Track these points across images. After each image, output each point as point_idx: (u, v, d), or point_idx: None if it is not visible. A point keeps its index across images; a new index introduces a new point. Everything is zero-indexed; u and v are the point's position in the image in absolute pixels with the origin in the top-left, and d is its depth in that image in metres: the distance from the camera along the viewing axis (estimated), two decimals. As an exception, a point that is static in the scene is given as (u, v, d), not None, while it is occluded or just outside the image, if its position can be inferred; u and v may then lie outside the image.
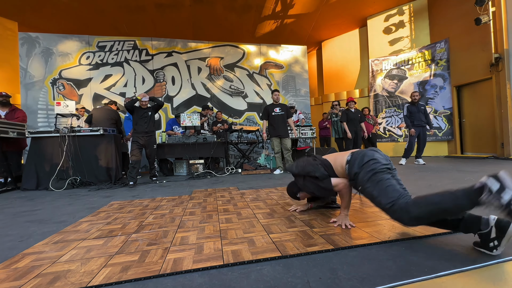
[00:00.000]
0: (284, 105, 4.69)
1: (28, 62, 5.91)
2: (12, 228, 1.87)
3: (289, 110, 4.68)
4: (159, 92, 6.69)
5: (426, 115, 4.85)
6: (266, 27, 8.04)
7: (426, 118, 4.84)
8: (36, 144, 3.91)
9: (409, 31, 7.28)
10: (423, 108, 4.86)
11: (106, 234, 1.62)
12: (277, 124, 4.52)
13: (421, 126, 4.83)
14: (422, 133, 4.85)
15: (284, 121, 4.58)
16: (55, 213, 2.28)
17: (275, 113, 4.56)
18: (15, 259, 1.29)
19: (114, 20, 7.04)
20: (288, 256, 1.19)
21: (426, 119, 4.84)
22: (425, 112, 4.85)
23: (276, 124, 4.53)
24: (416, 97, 4.87)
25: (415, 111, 4.85)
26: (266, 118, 4.65)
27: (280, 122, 4.53)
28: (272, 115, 4.56)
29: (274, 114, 4.56)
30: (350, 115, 5.03)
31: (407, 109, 4.96)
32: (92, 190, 3.50)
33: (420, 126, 4.83)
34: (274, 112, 4.56)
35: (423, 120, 4.82)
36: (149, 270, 1.11)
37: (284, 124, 4.56)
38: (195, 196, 2.76)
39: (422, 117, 4.83)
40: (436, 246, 1.23)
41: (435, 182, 2.97)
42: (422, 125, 4.83)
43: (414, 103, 4.89)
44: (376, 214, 1.77)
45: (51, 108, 5.90)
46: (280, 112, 4.55)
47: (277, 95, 4.61)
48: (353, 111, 5.09)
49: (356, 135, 5.03)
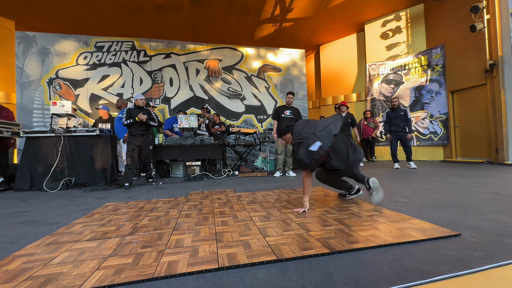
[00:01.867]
0: (296, 109, 4.65)
1: (24, 61, 5.86)
2: (3, 230, 1.84)
3: (299, 114, 4.66)
4: (156, 93, 6.67)
5: (407, 120, 4.99)
6: (265, 30, 8.09)
7: (406, 122, 4.98)
8: (31, 144, 3.86)
9: (406, 37, 7.38)
10: (403, 114, 4.99)
11: (100, 236, 1.60)
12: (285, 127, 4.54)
13: (398, 132, 4.99)
14: (401, 138, 5.00)
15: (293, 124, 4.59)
16: (48, 215, 2.25)
17: (284, 115, 4.55)
18: (5, 261, 1.27)
19: (112, 21, 7.02)
20: (283, 259, 1.18)
21: (406, 124, 4.98)
22: (405, 117, 4.99)
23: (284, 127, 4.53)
24: (395, 103, 5.04)
25: (394, 116, 5.02)
26: (276, 119, 4.64)
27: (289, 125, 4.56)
28: (282, 117, 4.55)
29: (283, 116, 4.55)
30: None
31: (386, 115, 5.16)
32: (87, 191, 3.45)
33: (397, 131, 5.00)
34: (284, 114, 4.55)
35: (401, 126, 4.98)
36: (143, 273, 1.10)
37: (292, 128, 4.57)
38: (191, 198, 2.74)
39: (400, 122, 4.99)
40: (431, 251, 1.23)
41: (431, 186, 2.99)
42: (399, 131, 4.99)
43: (394, 109, 5.07)
44: (373, 218, 1.77)
45: (47, 108, 5.85)
46: (289, 115, 4.54)
47: (290, 98, 4.60)
48: (343, 115, 5.13)
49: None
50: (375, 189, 2.17)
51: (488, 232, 1.45)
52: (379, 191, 2.18)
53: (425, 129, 6.89)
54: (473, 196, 2.39)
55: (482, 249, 1.22)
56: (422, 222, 1.65)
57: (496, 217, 1.72)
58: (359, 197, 2.50)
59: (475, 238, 1.36)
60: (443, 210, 1.95)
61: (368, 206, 2.12)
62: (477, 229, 1.49)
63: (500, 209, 1.90)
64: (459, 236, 1.40)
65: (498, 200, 2.18)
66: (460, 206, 2.05)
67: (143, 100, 4.06)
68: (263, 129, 7.00)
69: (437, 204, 2.14)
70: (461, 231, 1.46)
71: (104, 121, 5.14)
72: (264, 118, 7.32)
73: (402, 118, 4.97)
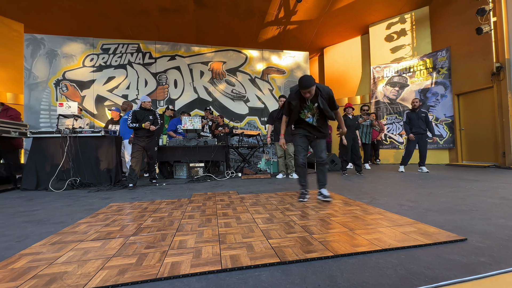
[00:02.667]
0: None
1: (32, 63, 5.97)
2: (10, 228, 1.86)
3: None
4: (161, 95, 6.73)
5: (427, 122, 4.82)
6: (269, 32, 8.12)
7: (427, 125, 4.82)
8: (38, 144, 3.92)
9: (411, 39, 7.34)
10: (424, 116, 4.83)
11: (104, 236, 1.61)
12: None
13: (420, 134, 4.81)
14: (422, 140, 4.83)
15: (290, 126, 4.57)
16: (53, 214, 2.27)
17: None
18: (11, 260, 1.28)
19: (118, 23, 7.12)
20: (287, 262, 1.18)
21: (427, 126, 4.81)
22: (426, 119, 4.83)
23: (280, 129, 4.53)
24: (416, 104, 4.85)
25: (415, 117, 4.84)
26: (271, 123, 4.65)
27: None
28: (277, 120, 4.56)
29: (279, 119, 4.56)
30: (348, 122, 4.97)
31: (406, 116, 4.97)
32: (91, 192, 3.49)
33: (419, 133, 4.81)
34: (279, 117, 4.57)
35: (422, 128, 4.80)
36: (146, 273, 1.10)
37: (288, 130, 4.54)
38: (194, 200, 2.75)
39: (422, 124, 4.81)
40: (437, 255, 1.21)
41: (436, 190, 2.96)
42: (421, 133, 4.80)
43: (415, 110, 4.88)
44: (377, 222, 1.75)
45: (53, 109, 5.94)
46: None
47: (283, 101, 4.60)
48: (350, 117, 5.02)
49: (353, 142, 4.94)
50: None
51: (495, 237, 1.42)
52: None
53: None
54: (479, 200, 2.36)
55: (489, 255, 1.20)
56: (427, 226, 1.63)
57: (503, 222, 1.69)
58: (363, 201, 2.48)
59: (482, 243, 1.34)
60: (449, 214, 1.92)
61: (372, 210, 2.10)
62: (484, 234, 1.47)
63: (508, 214, 1.87)
64: (465, 241, 1.38)
65: (506, 205, 2.14)
66: (466, 210, 2.02)
67: (150, 102, 4.09)
68: (266, 131, 7.00)
69: (443, 208, 2.11)
70: (467, 236, 1.43)
71: (115, 123, 5.21)
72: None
73: (423, 119, 4.80)
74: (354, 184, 3.62)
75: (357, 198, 2.60)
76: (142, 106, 4.03)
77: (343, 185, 3.60)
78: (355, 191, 3.07)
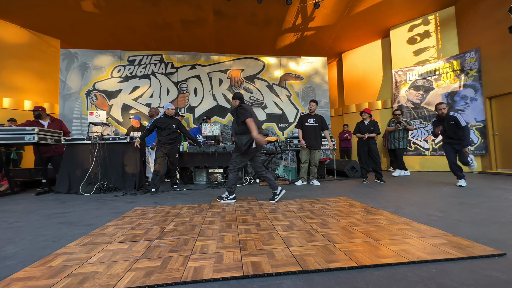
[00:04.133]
0: (319, 117, 4.58)
1: (67, 75, 6.47)
2: (47, 229, 2.01)
3: (324, 121, 4.58)
4: (182, 102, 6.97)
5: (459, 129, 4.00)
6: (286, 39, 8.18)
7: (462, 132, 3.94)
8: (70, 150, 4.20)
9: (435, 41, 7.03)
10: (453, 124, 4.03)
11: (130, 239, 1.68)
12: (309, 135, 4.47)
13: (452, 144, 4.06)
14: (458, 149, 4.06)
15: (317, 133, 4.50)
16: (84, 216, 2.42)
17: (308, 123, 4.51)
18: (49, 258, 1.38)
19: (143, 36, 7.55)
20: (309, 271, 1.16)
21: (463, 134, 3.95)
22: (458, 126, 3.99)
23: (308, 135, 4.48)
24: (443, 111, 4.10)
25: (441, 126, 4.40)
26: (300, 127, 4.62)
27: (312, 133, 4.47)
28: (306, 126, 4.52)
29: (307, 125, 4.51)
30: (362, 128, 4.77)
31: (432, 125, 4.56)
32: (117, 195, 3.66)
33: (451, 143, 4.07)
34: (308, 122, 4.52)
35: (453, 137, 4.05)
36: (171, 276, 1.13)
37: (316, 136, 4.49)
38: (214, 205, 2.80)
39: (452, 133, 4.03)
40: (472, 270, 1.13)
41: (468, 199, 2.76)
42: (454, 143, 4.04)
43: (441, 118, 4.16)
44: (403, 232, 1.67)
45: (84, 117, 6.36)
46: (313, 123, 4.49)
47: (313, 105, 4.55)
48: (366, 123, 4.80)
49: (368, 148, 4.72)
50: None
51: (539, 253, 1.30)
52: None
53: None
54: (519, 212, 2.17)
55: (533, 272, 1.10)
56: (459, 238, 1.53)
57: (548, 236, 1.54)
58: (387, 210, 2.38)
59: (523, 259, 1.23)
60: (483, 226, 1.79)
61: (397, 219, 2.00)
62: (526, 249, 1.35)
63: (553, 228, 1.70)
64: (504, 255, 1.28)
65: (550, 218, 1.95)
66: (504, 222, 1.87)
67: (173, 109, 4.25)
68: (284, 137, 6.98)
69: (476, 219, 1.97)
70: (506, 250, 1.33)
71: (135, 130, 5.49)
72: (286, 126, 7.31)
73: (453, 128, 3.99)
74: (376, 192, 3.48)
75: (380, 207, 2.50)
76: (166, 113, 4.20)
77: (365, 193, 3.48)
78: (378, 199, 2.96)
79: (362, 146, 4.77)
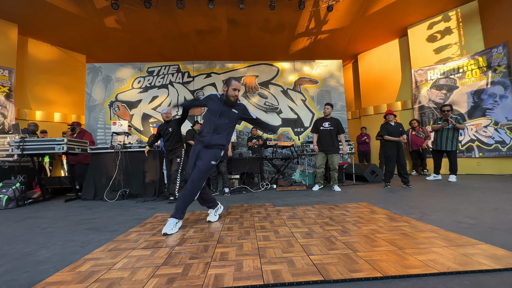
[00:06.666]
0: (335, 120, 4.49)
1: (92, 88, 6.88)
2: (75, 235, 2.11)
3: (340, 125, 4.48)
4: (198, 110, 7.14)
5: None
6: (300, 44, 8.17)
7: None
8: (95, 159, 4.43)
9: (458, 37, 6.71)
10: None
11: (152, 245, 1.73)
12: (324, 139, 4.40)
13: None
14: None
15: (333, 136, 4.40)
16: (109, 222, 2.52)
17: (323, 127, 4.43)
18: (78, 263, 1.45)
19: (161, 48, 7.88)
20: (331, 281, 1.13)
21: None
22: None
23: (324, 139, 4.40)
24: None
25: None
26: (315, 132, 4.55)
27: (327, 137, 4.38)
28: (321, 130, 4.44)
29: (322, 129, 4.43)
30: (390, 129, 4.61)
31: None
32: (139, 202, 3.79)
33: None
34: (323, 126, 4.44)
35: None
36: (193, 284, 1.15)
37: (332, 139, 4.39)
38: (232, 212, 2.81)
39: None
40: (510, 284, 1.05)
41: (502, 205, 2.57)
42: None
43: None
44: (431, 240, 1.59)
45: (108, 127, 6.70)
46: (328, 127, 4.41)
47: (327, 108, 4.49)
48: (393, 124, 4.63)
49: (397, 151, 4.52)
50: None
51: None
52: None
53: (489, 138, 6.01)
54: (562, 219, 1.98)
55: None
56: (494, 248, 1.42)
57: None
58: (411, 216, 2.27)
59: None
60: (521, 234, 1.66)
61: (423, 227, 1.90)
62: None
63: None
64: (548, 268, 1.17)
65: None
66: (545, 230, 1.72)
67: (165, 114, 3.99)
68: (300, 142, 6.91)
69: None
70: (549, 262, 1.21)
71: None
72: (301, 131, 7.24)
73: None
74: (399, 197, 3.33)
75: (404, 213, 2.39)
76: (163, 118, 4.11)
77: (386, 198, 3.34)
78: (402, 205, 2.83)
79: (391, 149, 4.52)
